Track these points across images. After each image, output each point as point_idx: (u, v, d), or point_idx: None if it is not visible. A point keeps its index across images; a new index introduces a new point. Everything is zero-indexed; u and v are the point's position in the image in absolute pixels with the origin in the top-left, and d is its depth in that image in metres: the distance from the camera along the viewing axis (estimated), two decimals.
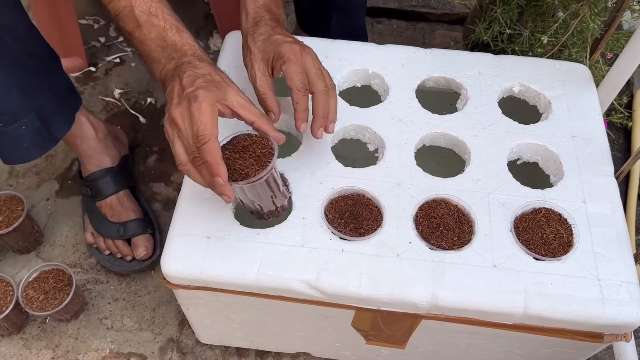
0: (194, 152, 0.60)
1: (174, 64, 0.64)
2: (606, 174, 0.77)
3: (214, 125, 0.60)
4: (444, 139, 0.81)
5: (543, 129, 0.81)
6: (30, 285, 0.91)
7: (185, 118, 0.60)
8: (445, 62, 0.87)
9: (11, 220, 0.95)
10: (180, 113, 0.60)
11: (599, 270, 0.68)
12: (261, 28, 0.72)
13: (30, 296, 0.89)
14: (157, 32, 0.66)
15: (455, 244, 0.70)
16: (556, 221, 0.71)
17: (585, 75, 0.86)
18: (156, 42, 0.66)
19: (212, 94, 0.61)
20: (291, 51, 0.69)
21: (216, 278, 0.68)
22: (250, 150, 0.65)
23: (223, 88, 0.62)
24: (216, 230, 0.70)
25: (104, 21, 1.39)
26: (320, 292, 0.67)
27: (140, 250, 0.97)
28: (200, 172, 0.61)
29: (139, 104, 1.24)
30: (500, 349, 0.77)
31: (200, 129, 0.59)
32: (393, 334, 0.75)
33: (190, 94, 0.60)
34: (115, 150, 1.02)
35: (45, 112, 0.86)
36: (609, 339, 0.68)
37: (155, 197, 1.10)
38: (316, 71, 0.70)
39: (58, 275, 0.92)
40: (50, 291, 0.90)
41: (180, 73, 0.62)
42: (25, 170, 1.13)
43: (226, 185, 0.60)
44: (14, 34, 0.79)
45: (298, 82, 0.68)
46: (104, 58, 1.32)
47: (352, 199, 0.73)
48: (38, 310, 0.88)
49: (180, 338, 0.94)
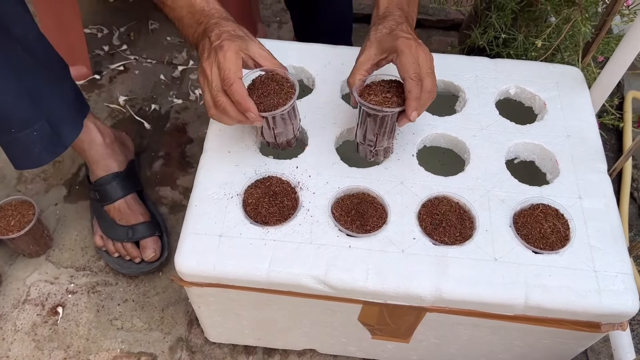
0: (217, 97, 0.67)
1: (203, 27, 0.72)
2: (600, 170, 0.80)
3: (238, 69, 0.68)
4: (444, 140, 0.84)
5: (539, 129, 0.84)
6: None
7: (212, 67, 0.67)
8: (444, 66, 0.90)
9: (22, 225, 0.97)
10: (209, 63, 0.68)
11: (595, 263, 0.71)
12: (387, 22, 0.74)
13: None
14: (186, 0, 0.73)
15: (457, 239, 0.73)
16: (553, 216, 0.74)
17: (578, 78, 0.90)
18: (186, 9, 0.73)
19: (235, 44, 0.68)
20: (406, 45, 0.70)
21: (228, 275, 0.71)
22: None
23: (246, 40, 0.71)
24: (227, 229, 0.73)
25: (107, 30, 1.42)
26: (329, 286, 0.70)
27: (148, 252, 0.99)
28: (226, 113, 0.69)
29: (144, 110, 1.27)
30: (501, 340, 0.80)
31: (225, 73, 0.67)
32: (398, 328, 0.78)
33: (217, 46, 0.68)
34: (122, 155, 1.05)
35: (55, 119, 0.89)
36: (605, 328, 0.71)
37: (162, 201, 1.12)
38: (427, 69, 0.70)
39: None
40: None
41: (209, 32, 0.70)
42: (34, 176, 1.15)
43: (257, 116, 0.69)
44: (25, 43, 0.82)
45: (411, 71, 0.70)
46: (108, 66, 1.34)
47: (357, 198, 0.76)
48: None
49: (190, 337, 0.97)
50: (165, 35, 1.42)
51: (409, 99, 0.70)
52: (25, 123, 0.86)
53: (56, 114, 0.90)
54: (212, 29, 0.70)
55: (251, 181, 0.77)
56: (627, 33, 0.81)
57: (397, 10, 0.76)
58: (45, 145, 0.90)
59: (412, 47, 0.70)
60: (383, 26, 0.74)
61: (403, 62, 0.70)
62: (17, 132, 0.86)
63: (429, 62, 0.71)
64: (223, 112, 0.69)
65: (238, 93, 0.67)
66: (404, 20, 0.75)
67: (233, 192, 0.76)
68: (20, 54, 0.82)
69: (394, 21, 0.74)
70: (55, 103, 0.90)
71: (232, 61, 0.67)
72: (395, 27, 0.73)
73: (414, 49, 0.70)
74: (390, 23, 0.74)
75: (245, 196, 0.75)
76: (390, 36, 0.73)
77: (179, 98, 1.29)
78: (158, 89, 1.31)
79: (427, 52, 0.72)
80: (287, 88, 0.73)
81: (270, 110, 0.71)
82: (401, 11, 0.76)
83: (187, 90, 1.31)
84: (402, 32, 0.72)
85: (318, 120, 0.83)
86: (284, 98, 0.72)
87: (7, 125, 0.85)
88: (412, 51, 0.70)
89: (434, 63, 0.72)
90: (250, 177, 0.77)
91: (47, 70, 0.88)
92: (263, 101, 0.71)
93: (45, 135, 0.89)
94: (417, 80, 0.70)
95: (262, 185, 0.76)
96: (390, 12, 0.76)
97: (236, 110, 0.69)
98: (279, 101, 0.71)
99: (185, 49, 1.39)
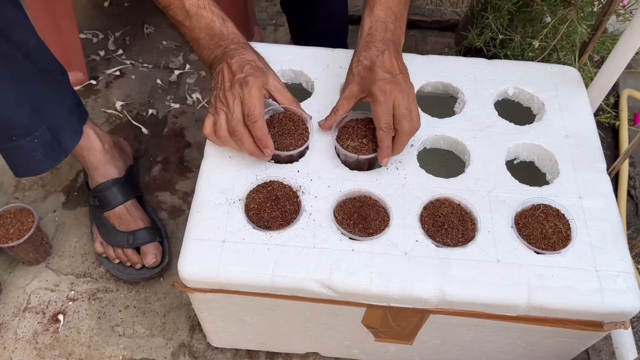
0: (236, 127, 0.72)
1: (221, 50, 0.76)
2: (599, 170, 0.80)
3: (262, 107, 0.73)
4: (444, 141, 0.84)
5: (538, 129, 0.84)
6: None
7: (236, 99, 0.72)
8: (442, 68, 0.91)
9: (22, 232, 0.96)
10: (233, 94, 0.72)
11: (596, 262, 0.72)
12: (370, 49, 0.76)
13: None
14: (205, 22, 0.76)
15: (459, 241, 0.73)
16: (554, 216, 0.75)
17: (575, 78, 0.90)
18: (205, 31, 0.76)
19: (259, 81, 0.73)
20: (381, 91, 0.73)
21: (232, 280, 0.71)
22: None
23: (266, 74, 0.75)
24: (230, 234, 0.73)
25: (102, 35, 1.41)
26: (333, 290, 0.70)
27: (149, 257, 0.99)
28: (240, 142, 0.74)
29: (141, 115, 1.27)
30: (504, 341, 0.80)
31: (251, 110, 0.71)
32: (402, 330, 0.78)
33: (241, 80, 0.72)
34: (122, 161, 1.05)
35: (56, 125, 0.89)
36: (608, 327, 0.71)
37: (161, 206, 1.12)
38: (404, 111, 0.73)
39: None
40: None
41: (228, 58, 0.74)
42: (32, 183, 1.15)
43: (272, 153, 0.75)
44: (25, 50, 0.82)
45: (383, 122, 0.74)
46: (104, 71, 1.34)
47: (359, 201, 0.76)
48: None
49: (192, 343, 0.96)
50: (161, 40, 1.42)
51: (379, 147, 0.75)
52: (27, 130, 0.85)
53: (57, 121, 0.89)
54: (232, 54, 0.74)
55: (253, 186, 0.77)
56: (624, 33, 0.82)
57: (381, 31, 0.77)
58: (46, 152, 0.89)
59: (387, 92, 0.73)
60: (364, 56, 0.76)
61: (376, 111, 0.74)
62: (18, 139, 0.85)
63: (407, 102, 0.73)
64: (238, 140, 0.73)
65: (261, 130, 0.72)
66: (387, 46, 0.76)
67: (235, 197, 0.76)
68: (21, 60, 0.82)
69: (376, 48, 0.76)
70: (55, 110, 0.89)
71: (256, 98, 0.72)
72: (377, 58, 0.75)
73: (389, 94, 0.73)
74: (372, 51, 0.76)
75: (248, 201, 0.75)
76: (369, 73, 0.75)
77: (176, 102, 1.29)
78: (155, 94, 1.31)
79: (405, 91, 0.74)
80: (301, 130, 0.79)
81: (283, 150, 0.77)
82: (385, 32, 0.77)
83: (184, 94, 1.31)
84: (381, 68, 0.74)
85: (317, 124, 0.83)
86: (296, 139, 0.78)
87: (8, 132, 0.84)
88: (386, 98, 0.73)
89: (414, 97, 0.75)
90: (251, 182, 0.77)
91: (47, 77, 0.88)
92: (277, 140, 0.77)
93: (46, 142, 0.88)
94: (388, 131, 0.74)
95: (264, 190, 0.76)
96: (373, 34, 0.77)
97: (252, 142, 0.74)
98: (291, 141, 0.78)
99: (181, 53, 1.39)
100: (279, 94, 0.77)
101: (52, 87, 0.88)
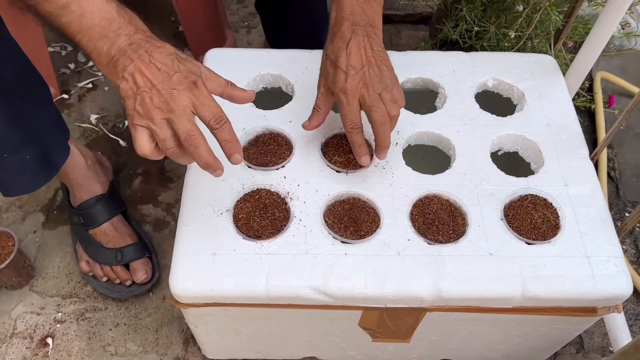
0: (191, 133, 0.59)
1: (125, 40, 0.59)
2: (582, 157, 0.81)
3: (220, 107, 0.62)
4: (428, 137, 0.84)
5: (519, 119, 0.85)
6: None
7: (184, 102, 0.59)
8: (421, 63, 0.90)
9: (3, 257, 0.94)
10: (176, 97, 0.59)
11: (586, 248, 0.72)
12: (334, 42, 0.71)
13: None
14: (99, 4, 0.59)
15: (451, 237, 0.73)
16: (542, 206, 0.75)
17: (552, 65, 0.91)
18: (100, 15, 0.59)
19: (200, 79, 0.61)
20: (342, 91, 0.70)
21: (226, 293, 0.70)
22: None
23: (196, 64, 0.63)
24: (220, 246, 0.72)
25: (71, 47, 1.38)
26: (329, 296, 0.70)
27: (140, 274, 0.97)
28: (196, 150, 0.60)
29: (117, 127, 1.24)
30: (500, 332, 0.80)
31: (216, 111, 0.61)
32: (399, 329, 0.78)
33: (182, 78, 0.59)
34: (104, 176, 1.03)
35: (44, 142, 0.86)
36: (602, 311, 0.72)
37: (145, 219, 1.10)
38: (370, 103, 0.70)
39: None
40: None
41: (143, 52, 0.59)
42: (9, 204, 1.12)
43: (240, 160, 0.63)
44: (11, 67, 0.80)
45: (347, 124, 0.72)
46: (75, 84, 1.31)
47: (348, 203, 0.75)
48: None
49: (187, 356, 0.95)
50: None
51: (352, 148, 0.74)
52: (17, 147, 0.83)
53: (46, 137, 0.87)
54: (146, 46, 0.59)
55: (240, 195, 0.75)
56: (599, 18, 0.83)
57: (349, 15, 0.72)
58: (37, 170, 0.87)
59: (348, 91, 0.70)
60: (330, 49, 0.72)
61: (340, 114, 0.73)
62: (9, 156, 0.82)
63: (372, 92, 0.70)
64: (194, 149, 0.60)
65: (231, 133, 0.62)
66: (353, 33, 0.71)
67: (222, 208, 0.74)
68: (8, 77, 0.79)
69: (341, 40, 0.71)
70: (43, 126, 0.87)
71: (212, 98, 0.61)
72: (340, 52, 0.70)
73: (350, 93, 0.70)
74: (337, 43, 0.71)
75: (236, 211, 0.74)
76: (333, 70, 0.71)
77: None
78: None
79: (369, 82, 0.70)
80: (284, 149, 0.80)
81: (261, 165, 0.77)
82: (352, 15, 0.72)
83: None
84: (342, 66, 0.70)
85: (301, 128, 0.82)
86: (277, 157, 0.79)
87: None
88: (348, 98, 0.70)
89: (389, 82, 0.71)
90: (238, 191, 0.76)
91: (34, 93, 0.86)
92: (258, 157, 0.78)
93: (37, 158, 0.85)
94: (354, 131, 0.72)
95: (251, 199, 0.75)
96: (340, 22, 0.72)
97: (211, 151, 0.62)
98: (271, 159, 0.78)
99: None
100: (212, 81, 0.64)
101: (39, 103, 0.86)
